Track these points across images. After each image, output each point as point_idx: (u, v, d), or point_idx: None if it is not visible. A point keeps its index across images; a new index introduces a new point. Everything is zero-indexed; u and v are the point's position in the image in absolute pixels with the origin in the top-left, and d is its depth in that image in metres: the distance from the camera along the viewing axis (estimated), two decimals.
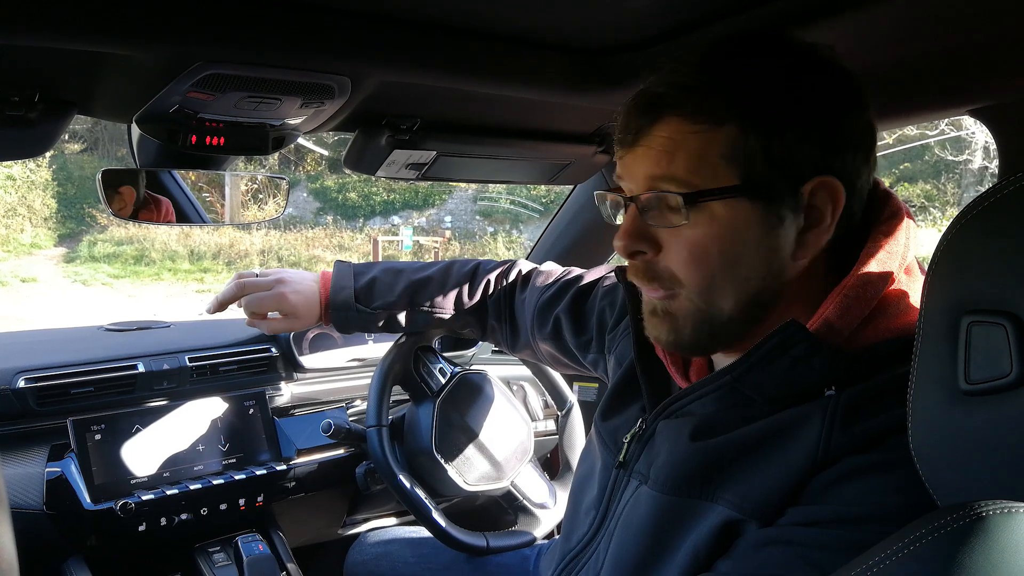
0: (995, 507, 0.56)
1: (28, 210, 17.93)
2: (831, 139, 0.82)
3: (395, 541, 1.70)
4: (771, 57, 0.83)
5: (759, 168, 0.81)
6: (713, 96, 0.81)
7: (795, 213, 0.83)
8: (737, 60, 0.83)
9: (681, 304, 0.87)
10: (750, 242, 0.83)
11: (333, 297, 1.54)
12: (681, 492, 0.87)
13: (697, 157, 0.81)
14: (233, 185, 1.43)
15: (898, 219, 0.87)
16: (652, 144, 0.83)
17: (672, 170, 0.82)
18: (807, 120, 0.81)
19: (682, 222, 0.83)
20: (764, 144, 0.80)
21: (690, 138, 0.82)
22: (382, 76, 1.14)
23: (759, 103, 0.80)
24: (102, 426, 1.53)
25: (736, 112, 0.80)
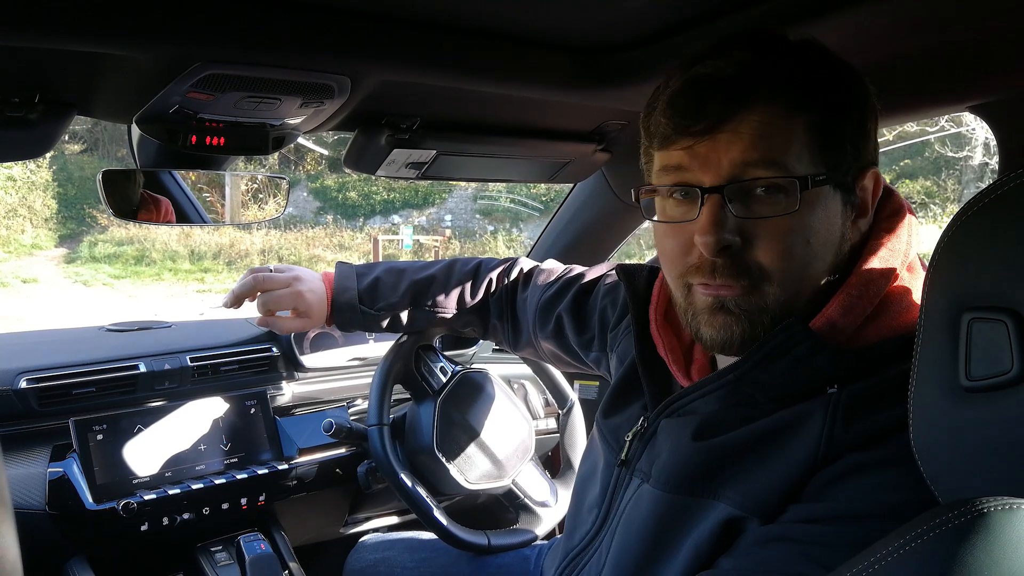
0: (996, 503, 0.56)
1: (29, 211, 17.93)
2: (875, 133, 0.86)
3: (394, 547, 1.70)
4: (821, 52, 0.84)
5: (841, 157, 0.82)
6: (797, 82, 0.80)
7: (852, 204, 0.85)
8: (799, 51, 0.83)
9: (760, 299, 0.82)
10: (834, 233, 0.83)
11: (337, 298, 1.55)
12: (683, 490, 0.87)
13: (790, 143, 0.79)
14: (233, 185, 1.43)
15: (900, 216, 0.87)
16: (740, 129, 0.79)
17: (771, 154, 0.79)
18: (864, 112, 0.84)
19: (793, 208, 0.79)
20: (843, 133, 0.82)
21: (779, 123, 0.79)
22: (382, 75, 1.14)
23: (835, 93, 0.82)
24: (104, 426, 1.53)
25: (818, 100, 0.80)
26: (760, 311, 0.83)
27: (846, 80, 0.83)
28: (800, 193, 0.78)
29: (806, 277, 0.83)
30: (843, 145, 0.82)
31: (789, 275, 0.81)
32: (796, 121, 0.80)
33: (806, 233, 0.81)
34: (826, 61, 0.83)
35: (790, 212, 0.79)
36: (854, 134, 0.83)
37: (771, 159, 0.79)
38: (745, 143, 0.79)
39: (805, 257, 0.81)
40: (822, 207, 0.81)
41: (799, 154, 0.80)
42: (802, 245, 0.81)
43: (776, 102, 0.79)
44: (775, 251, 0.81)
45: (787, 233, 0.80)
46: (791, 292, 0.82)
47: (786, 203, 0.79)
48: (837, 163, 0.82)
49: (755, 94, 0.79)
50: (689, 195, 0.84)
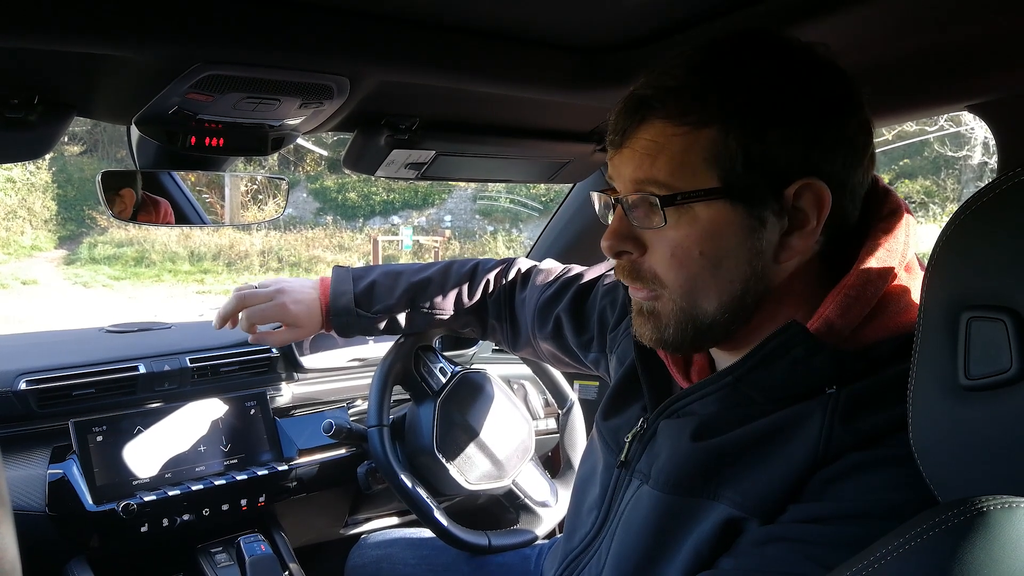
0: (996, 502, 0.56)
1: (28, 212, 17.94)
2: (816, 141, 0.81)
3: (395, 544, 1.70)
4: (758, 58, 0.82)
5: (739, 171, 0.81)
6: (696, 99, 0.81)
7: (778, 216, 0.82)
8: (723, 62, 0.82)
9: (664, 304, 0.88)
10: (731, 245, 0.83)
11: (333, 303, 1.54)
12: (683, 491, 0.87)
13: (679, 159, 0.82)
14: (233, 186, 1.43)
15: (897, 216, 0.87)
16: (636, 146, 0.84)
17: (654, 172, 0.83)
18: (790, 122, 0.80)
19: (661, 224, 0.83)
20: (744, 147, 0.80)
21: (673, 140, 0.82)
22: (381, 76, 1.14)
23: (740, 105, 0.80)
24: (103, 427, 1.53)
25: (718, 114, 0.80)
26: (665, 314, 0.88)
27: (777, 91, 0.80)
28: (663, 209, 0.82)
29: (708, 287, 0.85)
30: (750, 159, 0.80)
31: (684, 284, 0.85)
32: (696, 136, 0.81)
33: (695, 245, 0.83)
34: (756, 73, 0.81)
35: (656, 227, 0.84)
36: (771, 147, 0.80)
37: (652, 176, 0.83)
38: (636, 159, 0.84)
39: (700, 268, 0.84)
40: (711, 221, 0.82)
41: (689, 170, 0.82)
42: (693, 257, 0.84)
43: (670, 120, 0.82)
44: (663, 260, 0.86)
45: (672, 245, 0.84)
46: (691, 300, 0.86)
47: (657, 218, 0.84)
48: (739, 178, 0.81)
49: (651, 111, 0.83)
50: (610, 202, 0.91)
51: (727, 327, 0.87)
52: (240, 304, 1.55)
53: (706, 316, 0.86)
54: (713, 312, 0.86)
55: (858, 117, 0.84)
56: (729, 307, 0.85)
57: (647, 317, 0.90)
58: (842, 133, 0.82)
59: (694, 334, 0.88)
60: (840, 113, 0.82)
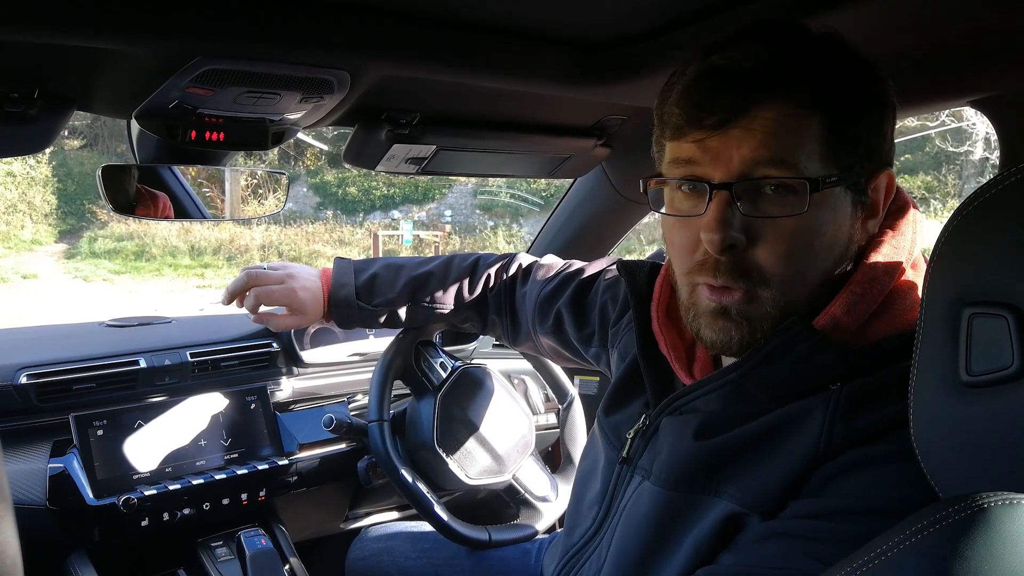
0: (997, 499, 0.56)
1: (28, 206, 17.92)
2: (891, 133, 0.84)
3: (396, 536, 1.70)
4: (839, 48, 0.82)
5: (855, 158, 0.81)
6: (810, 82, 0.78)
7: (861, 202, 0.84)
8: (816, 48, 0.81)
9: (759, 307, 0.82)
10: (841, 234, 0.82)
11: (334, 294, 1.54)
12: (684, 487, 0.87)
13: (800, 142, 0.78)
14: (233, 180, 1.43)
15: (904, 213, 0.87)
16: (753, 126, 0.78)
17: (782, 153, 0.78)
18: (880, 111, 0.83)
19: (802, 209, 0.78)
20: (857, 134, 0.81)
21: (793, 122, 0.78)
22: (381, 70, 1.14)
23: (851, 92, 0.80)
24: (104, 422, 1.53)
25: (834, 100, 0.79)
26: (760, 317, 0.82)
27: (865, 78, 0.82)
28: (810, 195, 0.77)
29: (805, 279, 0.82)
30: (857, 146, 0.80)
31: (788, 279, 0.81)
32: (810, 120, 0.78)
33: (812, 235, 0.80)
34: (846, 58, 0.81)
35: (797, 213, 0.78)
36: (869, 135, 0.81)
37: (782, 158, 0.78)
38: (757, 140, 0.78)
39: (806, 259, 0.81)
40: (831, 208, 0.80)
41: (811, 154, 0.78)
42: (806, 247, 0.80)
43: (791, 100, 0.77)
44: (777, 253, 0.80)
45: (792, 234, 0.79)
46: (789, 296, 0.82)
47: (794, 204, 0.78)
48: (850, 164, 0.80)
49: (770, 90, 0.78)
50: (698, 189, 0.82)
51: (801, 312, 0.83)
52: (250, 282, 1.55)
53: (795, 306, 0.82)
54: (805, 299, 0.82)
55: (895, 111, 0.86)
56: (816, 293, 0.83)
57: (738, 322, 0.83)
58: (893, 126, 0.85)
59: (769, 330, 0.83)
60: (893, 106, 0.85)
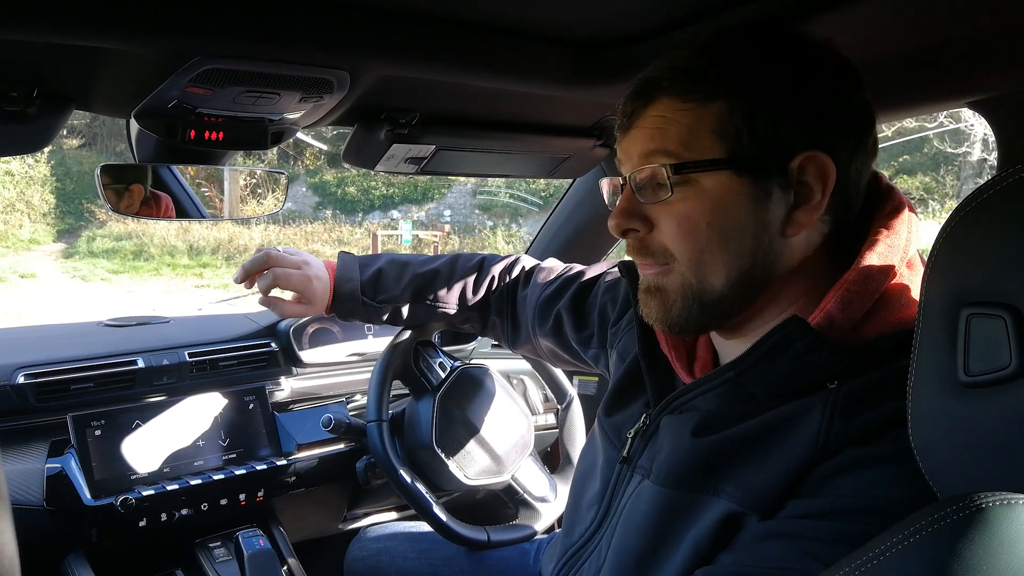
0: (995, 499, 0.56)
1: (27, 206, 17.90)
2: (819, 116, 0.83)
3: (395, 536, 1.70)
4: (760, 40, 0.85)
5: (745, 143, 0.82)
6: (702, 75, 0.84)
7: (784, 189, 0.83)
8: (727, 42, 0.85)
9: (673, 279, 0.89)
10: (739, 216, 0.84)
11: (339, 288, 1.54)
12: (683, 486, 0.87)
13: (687, 132, 0.84)
14: (232, 180, 1.43)
15: (899, 212, 0.87)
16: (645, 124, 0.87)
17: (664, 144, 0.85)
18: (793, 95, 0.82)
19: (669, 195, 0.85)
20: (750, 119, 0.82)
21: (680, 115, 0.84)
22: (381, 70, 1.13)
23: (746, 80, 0.82)
24: (102, 422, 1.53)
25: (723, 89, 0.82)
26: (672, 290, 0.89)
27: (778, 67, 0.83)
28: (671, 177, 0.84)
29: (716, 260, 0.86)
30: (754, 131, 0.82)
31: (693, 256, 0.86)
32: (702, 110, 0.83)
33: (702, 216, 0.84)
34: (751, 49, 0.84)
35: (666, 198, 0.85)
36: (776, 120, 0.82)
37: (662, 147, 0.85)
38: (645, 136, 0.87)
39: (708, 240, 0.85)
40: (718, 192, 0.84)
41: (697, 142, 0.83)
42: (702, 228, 0.85)
43: (676, 95, 0.84)
44: (672, 233, 0.87)
45: (680, 216, 0.85)
46: (699, 273, 0.86)
47: (664, 190, 0.85)
48: (739, 149, 0.82)
49: (657, 90, 0.85)
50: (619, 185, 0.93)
51: (732, 305, 0.87)
52: (267, 263, 1.52)
53: (713, 291, 0.87)
54: (720, 287, 0.86)
55: (860, 98, 0.85)
56: (737, 282, 0.86)
57: (654, 294, 0.91)
58: (845, 110, 0.84)
59: (699, 311, 0.88)
60: (841, 92, 0.84)
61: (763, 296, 0.88)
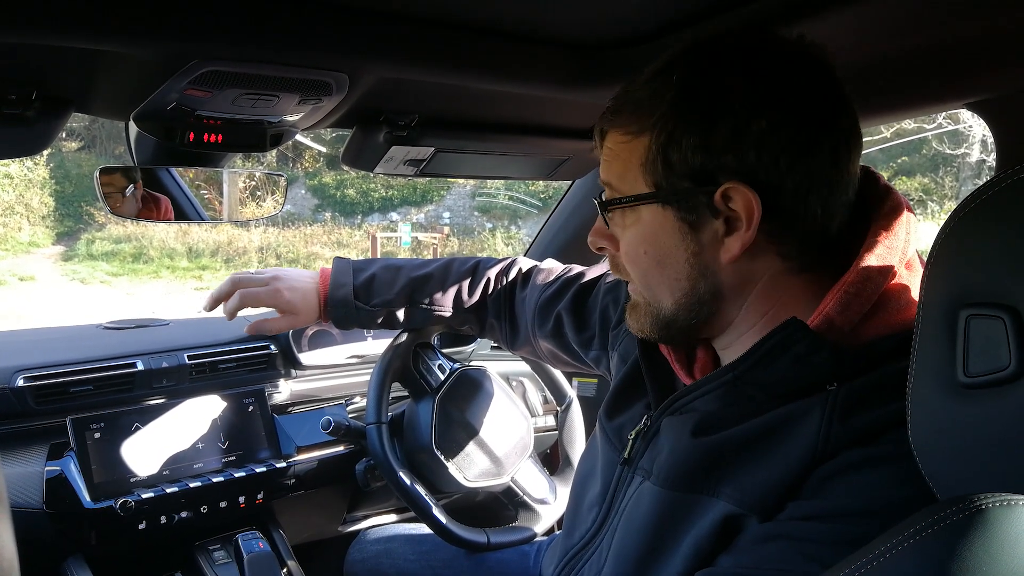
0: (995, 500, 0.56)
1: (26, 208, 17.89)
2: (735, 146, 0.80)
3: (396, 538, 1.70)
4: (692, 64, 0.84)
5: (662, 176, 0.84)
6: (636, 109, 0.86)
7: (714, 217, 0.83)
8: (664, 71, 0.85)
9: (638, 295, 0.95)
10: (669, 245, 0.87)
11: (332, 294, 1.54)
12: (683, 487, 0.87)
13: (623, 167, 0.88)
14: (231, 182, 1.43)
15: (898, 213, 0.87)
16: (603, 153, 0.92)
17: (608, 177, 0.91)
18: (705, 126, 0.81)
19: (613, 226, 0.92)
20: (664, 153, 0.83)
21: (620, 148, 0.88)
22: (380, 72, 1.14)
23: (663, 114, 0.83)
24: (101, 424, 1.53)
25: (648, 123, 0.84)
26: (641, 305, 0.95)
27: (691, 98, 0.81)
28: (603, 212, 0.91)
29: (659, 284, 0.90)
30: (669, 164, 0.83)
31: (641, 279, 0.92)
32: (632, 145, 0.87)
33: (640, 245, 0.90)
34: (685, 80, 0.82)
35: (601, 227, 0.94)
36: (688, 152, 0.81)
37: (607, 181, 0.91)
38: (603, 165, 0.92)
39: (648, 265, 0.90)
40: (649, 223, 0.87)
41: (632, 175, 0.87)
42: (640, 255, 0.90)
43: (619, 128, 0.88)
44: (624, 257, 0.93)
45: (625, 244, 0.92)
46: (650, 294, 0.92)
47: (607, 219, 0.92)
48: (662, 182, 0.84)
49: (607, 122, 0.90)
50: None
51: (688, 321, 0.91)
52: (234, 286, 1.55)
53: (666, 310, 0.91)
54: (671, 307, 0.91)
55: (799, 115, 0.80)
56: (684, 303, 0.89)
57: (632, 308, 0.97)
58: (777, 134, 0.79)
59: (662, 326, 0.93)
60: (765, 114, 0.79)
61: (724, 311, 0.89)
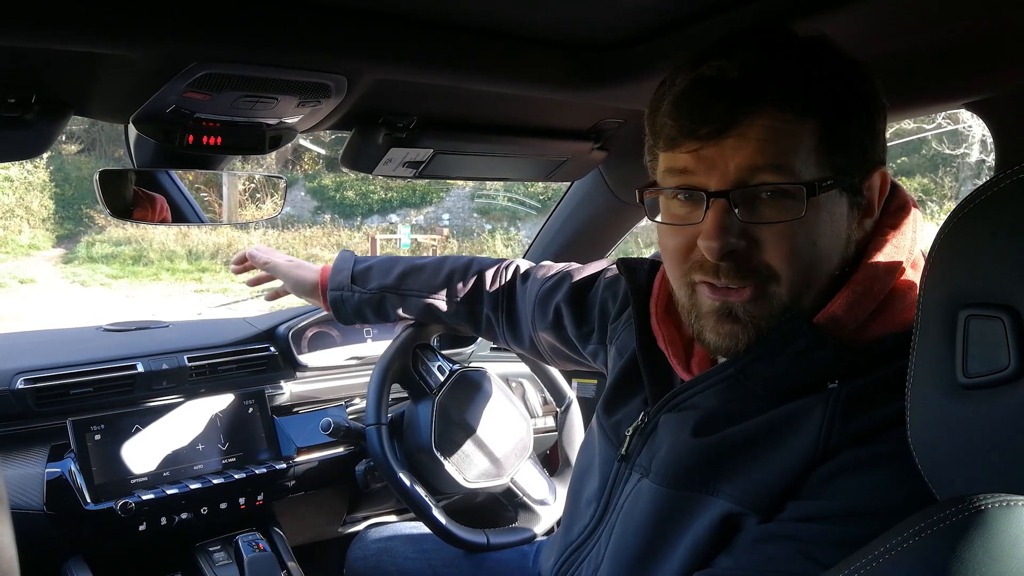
0: (994, 500, 0.56)
1: (26, 211, 17.88)
2: (883, 132, 0.85)
3: (396, 537, 1.70)
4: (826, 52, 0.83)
5: (848, 159, 0.82)
6: (800, 87, 0.79)
7: (860, 204, 0.85)
8: (804, 52, 0.82)
9: (767, 303, 0.83)
10: (840, 234, 0.84)
11: (332, 278, 1.59)
12: (682, 485, 0.87)
13: (797, 147, 0.79)
14: (230, 184, 1.43)
15: (905, 212, 0.87)
16: (748, 134, 0.79)
17: (778, 159, 0.79)
18: (869, 113, 0.83)
19: (800, 214, 0.79)
20: (850, 135, 0.82)
21: (786, 128, 0.79)
22: (378, 74, 1.14)
23: (841, 95, 0.81)
24: (101, 426, 1.53)
25: (825, 103, 0.80)
26: (767, 317, 0.83)
27: (854, 80, 0.83)
28: (807, 199, 0.78)
29: (812, 277, 0.83)
30: (850, 147, 0.81)
31: (797, 276, 0.82)
32: (803, 125, 0.79)
33: (812, 235, 0.81)
34: (834, 61, 0.82)
35: (796, 218, 0.79)
36: (861, 135, 0.82)
37: (778, 164, 0.79)
38: (752, 148, 0.79)
39: (812, 258, 0.82)
40: (828, 210, 0.81)
41: (806, 158, 0.79)
42: (808, 247, 0.81)
43: (782, 106, 0.79)
44: (782, 253, 0.81)
45: (793, 236, 0.80)
46: (797, 293, 0.83)
47: (791, 208, 0.79)
48: (844, 166, 0.81)
49: (761, 98, 0.79)
50: (694, 197, 0.84)
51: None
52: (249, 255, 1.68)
53: (805, 304, 0.83)
54: (807, 303, 0.83)
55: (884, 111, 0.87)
56: (819, 292, 0.84)
57: (745, 324, 0.84)
58: (884, 125, 0.86)
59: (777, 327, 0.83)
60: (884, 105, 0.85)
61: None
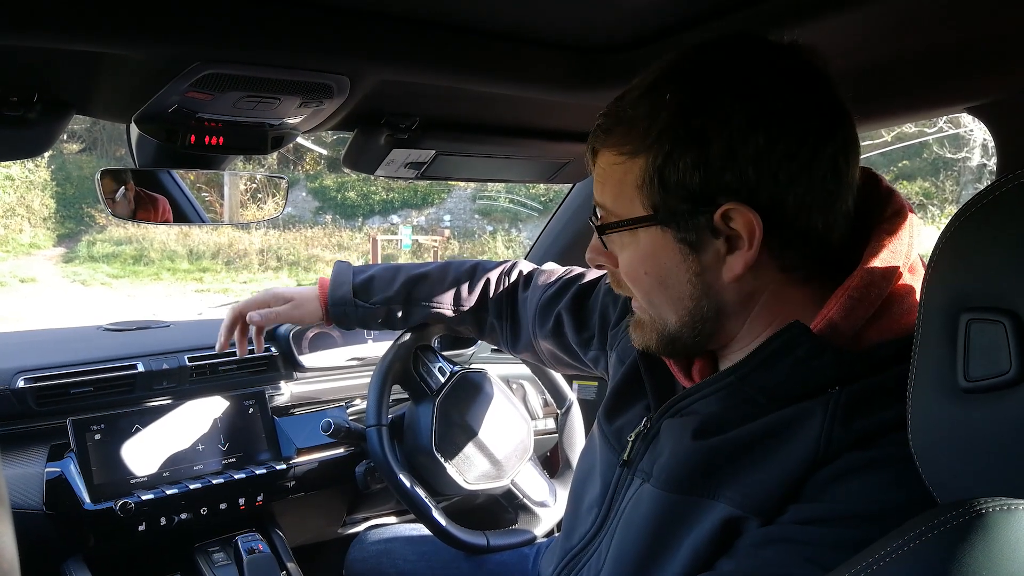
0: (995, 504, 0.56)
1: (27, 210, 17.91)
2: (732, 165, 0.79)
3: (396, 539, 1.70)
4: (686, 81, 0.82)
5: (660, 198, 0.83)
6: (631, 129, 0.84)
7: (716, 237, 0.83)
8: (658, 87, 0.83)
9: (643, 312, 0.94)
10: (669, 266, 0.86)
11: (332, 293, 1.56)
12: (683, 490, 0.87)
13: (618, 188, 0.87)
14: (232, 184, 1.43)
15: (901, 217, 0.87)
16: (596, 172, 0.91)
17: (603, 199, 0.90)
18: (702, 145, 0.79)
19: (625, 247, 0.89)
20: (660, 174, 0.82)
21: (614, 169, 0.87)
22: (381, 75, 1.14)
23: (660, 133, 0.81)
24: (101, 426, 1.53)
25: (644, 144, 0.83)
26: (646, 322, 0.94)
27: (688, 116, 0.80)
28: (601, 236, 0.90)
29: (662, 303, 0.89)
30: (665, 186, 0.82)
31: (644, 298, 0.91)
32: (631, 165, 0.85)
33: (640, 266, 0.88)
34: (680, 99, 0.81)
35: (625, 249, 0.89)
36: (686, 173, 0.80)
37: (601, 202, 0.90)
38: (596, 184, 0.91)
39: (650, 286, 0.89)
40: (648, 245, 0.87)
41: (625, 198, 0.86)
42: (641, 276, 0.89)
43: (610, 149, 0.87)
44: (625, 275, 0.91)
45: (624, 264, 0.90)
46: (654, 312, 0.91)
47: (618, 240, 0.90)
48: (660, 204, 0.83)
49: (601, 142, 0.89)
50: None
51: (696, 337, 0.90)
52: (235, 312, 1.60)
53: (671, 327, 0.90)
54: (675, 325, 0.90)
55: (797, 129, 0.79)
56: (688, 321, 0.89)
57: (636, 325, 0.96)
58: (775, 149, 0.78)
59: (667, 343, 0.92)
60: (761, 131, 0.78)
61: (728, 326, 0.89)
